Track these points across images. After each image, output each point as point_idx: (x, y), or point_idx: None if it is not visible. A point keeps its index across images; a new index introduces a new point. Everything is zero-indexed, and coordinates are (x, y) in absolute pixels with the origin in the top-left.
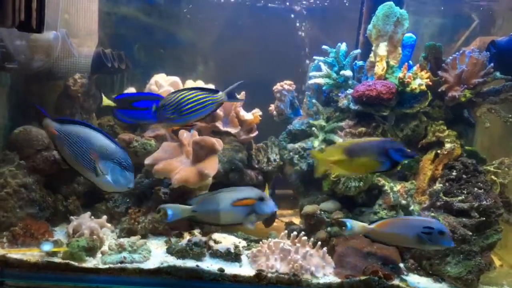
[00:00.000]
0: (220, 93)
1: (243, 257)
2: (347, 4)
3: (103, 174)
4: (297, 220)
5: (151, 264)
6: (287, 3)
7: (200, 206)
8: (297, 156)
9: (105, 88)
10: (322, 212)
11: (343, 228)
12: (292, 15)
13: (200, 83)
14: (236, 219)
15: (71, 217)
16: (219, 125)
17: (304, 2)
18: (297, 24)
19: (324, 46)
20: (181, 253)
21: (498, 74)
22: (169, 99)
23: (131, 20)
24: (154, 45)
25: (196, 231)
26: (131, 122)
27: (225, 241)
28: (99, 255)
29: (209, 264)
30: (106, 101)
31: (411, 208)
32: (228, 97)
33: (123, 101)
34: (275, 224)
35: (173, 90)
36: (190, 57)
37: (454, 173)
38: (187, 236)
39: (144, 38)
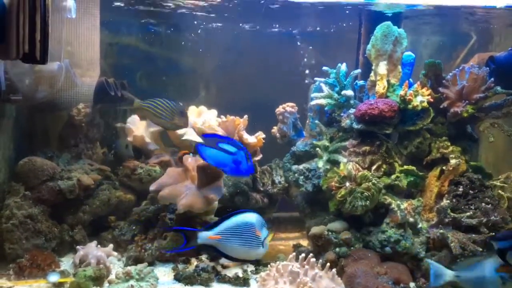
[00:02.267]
0: None
1: (252, 282)
2: (345, 26)
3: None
4: (304, 242)
5: None
6: (287, 28)
7: (464, 272)
8: (302, 177)
9: (108, 117)
10: (330, 233)
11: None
12: (292, 39)
13: (203, 109)
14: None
15: (77, 246)
16: None
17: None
18: (297, 48)
19: (324, 67)
20: (189, 280)
21: (499, 88)
22: None
23: (132, 49)
24: (156, 73)
25: (203, 257)
26: (209, 161)
27: (233, 266)
28: (106, 284)
29: None
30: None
31: (419, 225)
32: None
33: (210, 139)
34: (282, 247)
35: None
36: (192, 83)
37: (460, 189)
38: (194, 262)
39: (146, 66)
